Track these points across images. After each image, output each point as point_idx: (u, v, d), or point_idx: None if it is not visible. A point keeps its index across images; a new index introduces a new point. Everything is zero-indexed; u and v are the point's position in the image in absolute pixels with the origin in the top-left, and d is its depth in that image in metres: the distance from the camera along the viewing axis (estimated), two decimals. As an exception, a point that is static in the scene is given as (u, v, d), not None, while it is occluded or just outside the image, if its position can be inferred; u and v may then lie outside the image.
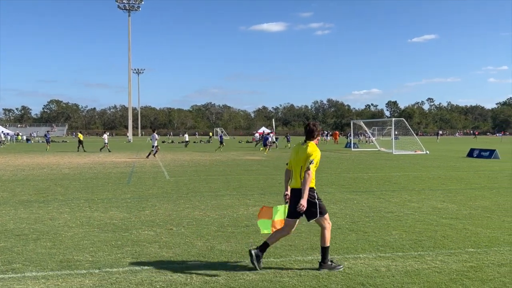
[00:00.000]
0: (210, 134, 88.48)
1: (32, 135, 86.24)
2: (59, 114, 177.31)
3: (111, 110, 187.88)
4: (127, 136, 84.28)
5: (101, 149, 38.55)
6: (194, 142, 72.24)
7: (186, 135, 52.10)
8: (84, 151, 38.94)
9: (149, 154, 30.09)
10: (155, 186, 14.47)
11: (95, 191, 13.30)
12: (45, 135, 44.72)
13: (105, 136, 39.96)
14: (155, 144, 29.55)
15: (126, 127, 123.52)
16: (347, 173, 19.11)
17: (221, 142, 40.89)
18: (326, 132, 47.36)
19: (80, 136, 40.55)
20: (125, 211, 10.09)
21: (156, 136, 30.13)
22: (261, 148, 37.69)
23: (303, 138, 6.23)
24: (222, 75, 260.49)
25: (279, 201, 11.38)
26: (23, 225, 8.69)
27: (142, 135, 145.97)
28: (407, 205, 10.82)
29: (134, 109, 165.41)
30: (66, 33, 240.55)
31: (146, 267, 6.13)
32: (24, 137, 79.24)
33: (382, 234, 7.87)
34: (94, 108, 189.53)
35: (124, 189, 13.83)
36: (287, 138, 49.88)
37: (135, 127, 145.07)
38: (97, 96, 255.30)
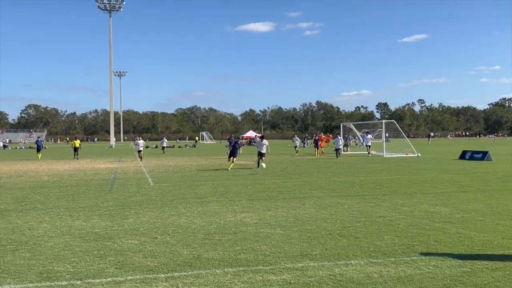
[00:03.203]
0: (196, 138, 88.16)
1: (5, 141, 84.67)
2: (37, 119, 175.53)
3: (92, 114, 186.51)
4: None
5: (141, 158, 33.01)
6: (179, 147, 71.99)
7: (165, 140, 50.09)
8: (77, 158, 35.70)
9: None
10: (139, 193, 14.39)
11: (76, 199, 13.18)
12: (36, 142, 38.67)
13: (141, 142, 34.00)
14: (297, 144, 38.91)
15: (108, 132, 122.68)
16: (338, 177, 19.19)
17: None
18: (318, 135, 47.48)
19: (77, 142, 36.95)
20: (108, 219, 10.01)
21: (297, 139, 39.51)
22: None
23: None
24: (208, 77, 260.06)
25: (267, 207, 11.40)
26: (0, 235, 8.57)
27: (124, 140, 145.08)
28: (398, 209, 10.90)
29: (116, 113, 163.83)
30: (43, 34, 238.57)
31: (130, 277, 6.08)
32: (1, 144, 78.27)
33: (373, 239, 7.92)
34: (74, 113, 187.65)
35: (106, 196, 13.73)
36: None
37: (117, 132, 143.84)
38: (77, 100, 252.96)
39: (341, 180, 17.75)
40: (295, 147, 42.09)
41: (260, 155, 23.73)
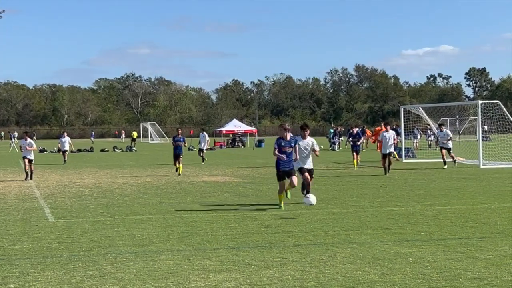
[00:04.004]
0: (134, 134, 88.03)
1: None
2: None
3: None
4: None
5: (30, 173, 33.08)
6: (104, 150, 71.77)
7: (67, 139, 47.11)
8: None
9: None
10: (27, 237, 14.33)
11: None
12: None
13: (28, 141, 34.39)
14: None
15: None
16: (395, 206, 19.28)
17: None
18: (360, 129, 47.04)
19: None
20: (-30, 285, 9.96)
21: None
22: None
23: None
24: (155, 22, 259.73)
25: (266, 261, 11.37)
26: None
27: (0, 137, 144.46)
28: (508, 264, 10.90)
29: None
30: None
31: None
32: None
33: (462, 321, 7.93)
34: None
35: (-34, 242, 13.67)
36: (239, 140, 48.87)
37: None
38: None
39: (402, 212, 17.79)
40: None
41: (309, 173, 20.13)
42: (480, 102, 39.85)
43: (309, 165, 19.98)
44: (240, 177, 30.37)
